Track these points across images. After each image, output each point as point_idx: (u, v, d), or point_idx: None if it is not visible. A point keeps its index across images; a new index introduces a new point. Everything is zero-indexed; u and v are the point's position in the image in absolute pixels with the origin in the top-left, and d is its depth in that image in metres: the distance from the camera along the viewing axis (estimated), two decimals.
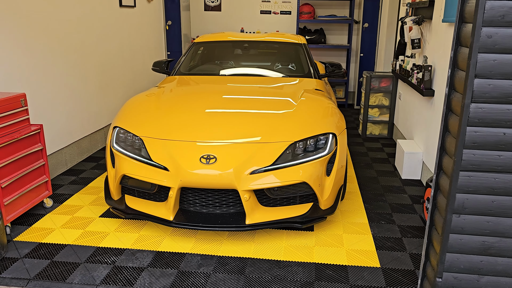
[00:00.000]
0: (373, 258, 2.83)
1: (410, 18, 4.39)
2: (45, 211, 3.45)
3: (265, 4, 7.74)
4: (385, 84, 5.55)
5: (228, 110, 3.35)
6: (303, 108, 3.40)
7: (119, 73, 5.51)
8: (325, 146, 3.09)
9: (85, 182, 4.06)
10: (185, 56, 4.72)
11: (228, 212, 2.99)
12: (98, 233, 3.12)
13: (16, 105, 3.18)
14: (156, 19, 6.75)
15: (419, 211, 3.54)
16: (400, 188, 4.00)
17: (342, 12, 7.66)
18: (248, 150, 2.95)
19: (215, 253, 2.87)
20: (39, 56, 3.90)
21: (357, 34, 7.57)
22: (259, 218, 2.92)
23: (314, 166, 3.00)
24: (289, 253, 2.89)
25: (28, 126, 3.33)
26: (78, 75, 4.55)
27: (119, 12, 5.43)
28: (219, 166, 2.85)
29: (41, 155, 3.43)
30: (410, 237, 3.11)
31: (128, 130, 3.21)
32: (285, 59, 4.66)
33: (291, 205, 3.07)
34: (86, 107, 4.72)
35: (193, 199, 3.00)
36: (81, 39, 4.56)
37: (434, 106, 3.85)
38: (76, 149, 4.57)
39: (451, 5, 3.34)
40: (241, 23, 7.86)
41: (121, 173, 3.06)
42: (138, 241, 3.02)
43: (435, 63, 3.87)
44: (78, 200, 3.67)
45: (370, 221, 3.35)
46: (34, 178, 3.34)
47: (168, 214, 2.94)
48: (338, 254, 2.87)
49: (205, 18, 7.89)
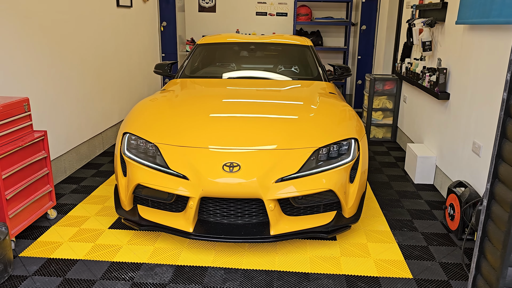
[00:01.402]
0: (404, 269, 2.73)
1: (421, 20, 4.32)
2: (49, 223, 3.23)
3: (261, 6, 7.62)
4: (389, 87, 5.48)
5: (245, 115, 3.21)
6: (322, 112, 3.28)
7: (116, 76, 5.30)
8: (348, 152, 2.98)
9: (87, 190, 3.85)
10: (190, 58, 4.55)
11: (251, 223, 2.84)
12: (110, 246, 2.93)
13: (19, 110, 2.97)
14: (151, 20, 6.55)
15: (439, 217, 3.45)
16: (414, 193, 3.92)
17: (339, 14, 7.59)
18: (272, 157, 2.81)
19: (238, 266, 2.72)
20: (37, 57, 3.68)
21: (354, 37, 7.52)
22: (284, 228, 2.78)
23: (339, 173, 2.88)
24: (316, 264, 2.75)
25: (32, 133, 3.11)
26: (77, 78, 4.33)
27: (116, 12, 5.22)
28: (243, 174, 2.70)
29: (45, 164, 3.21)
30: (436, 245, 3.02)
31: (141, 136, 3.03)
32: (294, 62, 4.54)
33: (315, 214, 2.94)
34: (84, 112, 4.50)
35: (214, 209, 2.84)
36: (79, 41, 4.34)
37: (449, 110, 3.79)
38: (75, 155, 4.35)
39: (466, 6, 3.27)
40: (236, 25, 7.72)
41: (135, 182, 2.88)
42: (154, 254, 2.84)
43: (450, 65, 3.81)
44: (83, 210, 3.46)
45: (392, 228, 3.25)
46: (38, 188, 3.13)
47: (188, 225, 2.77)
48: (367, 265, 2.76)
49: (199, 19, 7.72)
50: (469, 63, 3.40)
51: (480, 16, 3.01)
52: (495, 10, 2.79)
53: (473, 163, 3.25)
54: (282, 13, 7.62)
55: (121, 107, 5.48)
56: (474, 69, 3.30)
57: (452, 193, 3.21)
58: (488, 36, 3.07)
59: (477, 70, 3.26)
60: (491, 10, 2.85)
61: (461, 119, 3.52)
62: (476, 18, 3.08)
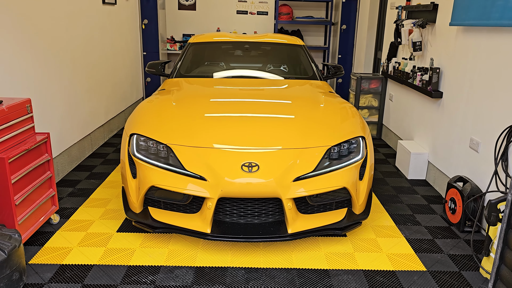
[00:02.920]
0: (416, 261, 2.83)
1: (410, 21, 4.47)
2: (53, 228, 3.12)
3: (241, 4, 7.62)
4: (375, 85, 5.63)
5: (255, 114, 3.21)
6: (329, 111, 3.33)
7: (103, 75, 5.16)
8: (358, 150, 3.05)
9: (85, 194, 3.74)
10: (183, 57, 4.49)
11: (267, 222, 2.86)
12: (123, 250, 2.87)
13: (23, 112, 2.85)
14: (133, 18, 6.41)
15: (438, 211, 3.60)
16: (410, 189, 4.06)
17: (319, 13, 7.71)
18: (288, 156, 2.83)
19: (258, 265, 2.73)
20: (30, 57, 3.54)
21: (334, 36, 7.65)
22: (300, 226, 2.82)
23: (351, 171, 2.94)
24: (332, 261, 2.81)
25: (34, 135, 2.99)
26: (67, 77, 4.19)
27: (102, 9, 5.08)
28: (262, 174, 2.71)
29: (48, 167, 3.10)
30: (441, 238, 3.14)
31: (151, 137, 2.97)
32: (289, 61, 4.58)
33: (327, 212, 3.00)
34: (75, 112, 4.36)
35: (230, 210, 2.84)
36: (69, 39, 4.20)
37: (443, 108, 3.94)
38: (67, 157, 4.21)
39: (462, 8, 3.41)
40: (217, 23, 7.68)
41: (148, 184, 2.83)
42: (170, 256, 2.80)
43: (442, 65, 3.96)
44: (86, 214, 3.36)
45: (397, 223, 3.36)
46: (42, 192, 3.01)
47: (205, 226, 2.76)
48: (381, 260, 2.84)
49: (179, 17, 7.63)
50: (465, 63, 3.55)
51: (478, 18, 3.15)
52: (495, 12, 2.94)
53: (472, 159, 3.41)
54: (262, 12, 7.65)
55: (107, 107, 5.34)
56: (471, 69, 3.45)
57: (453, 187, 3.35)
58: (485, 37, 3.22)
59: (473, 69, 3.41)
60: (491, 12, 2.99)
61: (457, 116, 3.67)
62: (473, 20, 3.22)
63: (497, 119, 3.08)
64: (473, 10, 3.22)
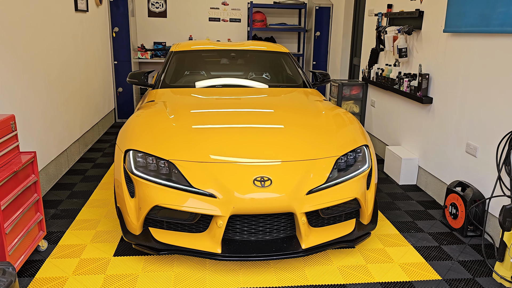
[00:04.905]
0: (429, 270, 2.79)
1: (395, 27, 4.50)
2: (41, 256, 2.85)
3: (213, 11, 7.48)
4: (356, 91, 5.65)
5: (257, 125, 3.09)
6: (330, 120, 3.26)
7: (77, 86, 4.87)
8: (363, 159, 2.99)
9: (70, 215, 3.47)
10: (168, 66, 4.30)
11: (279, 238, 2.73)
12: (125, 276, 2.65)
13: (7, 130, 2.59)
14: (104, 26, 6.12)
15: (437, 216, 3.60)
16: (403, 195, 4.06)
17: (292, 20, 7.70)
18: (300, 168, 2.73)
19: (273, 285, 2.60)
20: (2, 67, 3.25)
21: (308, 43, 7.66)
22: (313, 241, 2.72)
23: (359, 181, 2.88)
24: (347, 274, 2.72)
25: (19, 155, 2.73)
26: (44, 89, 3.89)
27: (74, 17, 4.80)
28: (276, 189, 2.59)
29: (35, 189, 2.83)
30: (447, 244, 3.14)
31: (150, 153, 2.78)
32: (277, 69, 4.49)
33: (337, 224, 2.91)
34: (51, 127, 4.06)
35: (241, 227, 2.69)
36: (45, 48, 3.91)
37: (433, 113, 3.98)
38: (45, 176, 3.90)
39: (457, 15, 3.46)
40: (189, 31, 7.49)
41: (151, 204, 2.63)
42: (178, 280, 2.62)
43: (431, 71, 4.01)
44: (75, 237, 3.11)
45: (400, 231, 3.33)
46: (30, 217, 2.74)
47: (215, 246, 2.59)
48: (395, 271, 2.78)
49: (149, 25, 7.38)
50: (456, 69, 3.59)
51: (477, 25, 3.19)
52: (496, 19, 2.98)
53: (469, 164, 3.44)
54: (235, 19, 7.55)
55: (82, 120, 5.04)
56: (464, 74, 3.50)
57: (453, 193, 3.36)
58: (481, 43, 3.26)
59: (467, 75, 3.45)
60: (491, 19, 3.03)
61: (449, 122, 3.71)
62: (471, 27, 3.26)
63: (496, 125, 3.12)
64: (470, 17, 3.26)
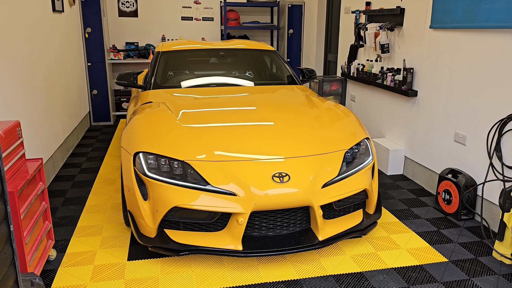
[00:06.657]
0: (435, 254, 2.96)
1: (376, 24, 4.67)
2: (52, 265, 2.77)
3: (186, 10, 7.42)
4: (335, 87, 5.81)
5: (266, 122, 3.13)
6: (332, 115, 3.36)
7: (58, 89, 4.71)
8: (367, 151, 3.11)
9: (70, 222, 3.37)
10: (156, 67, 4.24)
11: (295, 231, 2.80)
12: (146, 279, 2.62)
13: (15, 137, 2.49)
14: (77, 26, 5.93)
15: (429, 203, 3.80)
16: (393, 184, 4.24)
17: (264, 18, 7.77)
18: (314, 162, 2.80)
19: (294, 277, 2.66)
20: None
21: (281, 40, 7.76)
22: (328, 232, 2.81)
23: (366, 173, 3.00)
24: (362, 263, 2.83)
25: (25, 162, 2.63)
26: (31, 94, 3.75)
27: (52, 18, 4.63)
28: (294, 183, 2.65)
29: (43, 197, 2.74)
30: (445, 228, 3.32)
31: (162, 154, 2.76)
32: (265, 66, 4.55)
33: (346, 215, 3.02)
34: (38, 132, 3.91)
35: (259, 223, 2.73)
36: (29, 50, 3.76)
37: (418, 105, 4.18)
38: None
39: (442, 12, 3.65)
40: (161, 30, 7.39)
41: (170, 205, 2.62)
42: (200, 280, 2.62)
43: (415, 65, 4.21)
44: (82, 245, 3.03)
45: (400, 219, 3.48)
46: (40, 226, 2.66)
47: (236, 243, 2.63)
48: (404, 256, 2.92)
49: (120, 24, 7.22)
50: (441, 62, 3.80)
51: (463, 21, 3.39)
52: (481, 15, 3.18)
53: (459, 152, 3.65)
54: (208, 18, 7.52)
55: (64, 124, 4.88)
56: (449, 68, 3.70)
57: (446, 180, 3.56)
58: (465, 38, 3.47)
59: (452, 68, 3.66)
60: (476, 15, 3.23)
61: (436, 112, 3.91)
62: (457, 23, 3.46)
63: (485, 114, 3.33)
64: (456, 14, 3.46)
